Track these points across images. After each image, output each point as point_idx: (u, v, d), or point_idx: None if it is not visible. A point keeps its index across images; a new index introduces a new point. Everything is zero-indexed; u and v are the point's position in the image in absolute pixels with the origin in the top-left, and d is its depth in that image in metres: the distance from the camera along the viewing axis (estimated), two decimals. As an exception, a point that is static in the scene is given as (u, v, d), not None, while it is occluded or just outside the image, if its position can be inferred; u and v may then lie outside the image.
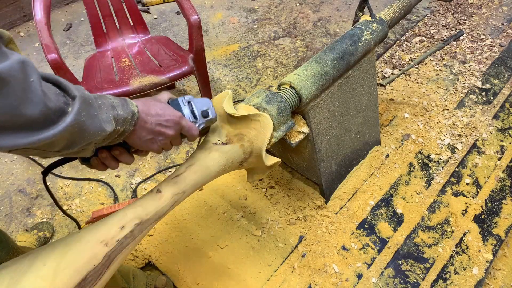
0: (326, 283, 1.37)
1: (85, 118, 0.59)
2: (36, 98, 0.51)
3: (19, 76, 0.49)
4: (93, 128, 0.61)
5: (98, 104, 0.64)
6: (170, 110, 0.81)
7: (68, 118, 0.56)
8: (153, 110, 0.78)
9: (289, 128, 1.18)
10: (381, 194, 1.64)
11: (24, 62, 0.51)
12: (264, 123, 1.02)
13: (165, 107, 0.81)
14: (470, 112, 2.00)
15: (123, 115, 0.69)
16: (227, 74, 2.44)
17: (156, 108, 0.79)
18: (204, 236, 1.52)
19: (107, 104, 0.66)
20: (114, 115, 0.66)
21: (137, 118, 0.73)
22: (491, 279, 1.43)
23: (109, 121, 0.65)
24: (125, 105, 0.71)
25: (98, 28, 1.96)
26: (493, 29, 2.61)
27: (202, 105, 0.90)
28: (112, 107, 0.67)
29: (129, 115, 0.71)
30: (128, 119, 0.70)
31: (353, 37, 1.37)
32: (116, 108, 0.68)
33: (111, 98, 0.69)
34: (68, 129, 0.56)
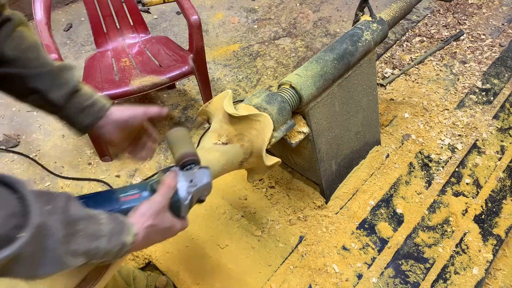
0: (326, 283, 1.37)
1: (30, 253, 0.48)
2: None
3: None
4: (42, 264, 0.51)
5: (73, 231, 0.54)
6: (173, 231, 0.74)
7: (6, 250, 0.45)
8: (155, 239, 0.71)
9: (290, 128, 1.18)
10: (381, 194, 1.64)
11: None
12: (265, 123, 1.02)
13: (166, 232, 0.73)
14: (470, 112, 1.99)
15: (104, 249, 0.58)
16: (227, 74, 2.44)
17: (158, 237, 0.71)
18: (204, 236, 1.52)
19: (87, 232, 0.56)
20: (90, 248, 0.56)
21: (126, 251, 0.63)
22: (491, 279, 1.43)
23: (76, 255, 0.55)
24: (117, 234, 0.61)
25: (98, 28, 1.96)
26: (493, 29, 2.61)
27: (201, 192, 0.81)
28: (91, 238, 0.57)
29: (116, 247, 0.60)
30: (113, 252, 0.60)
31: (353, 37, 1.37)
32: (100, 239, 0.58)
33: (103, 224, 0.59)
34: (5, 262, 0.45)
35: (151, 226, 0.68)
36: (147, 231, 0.67)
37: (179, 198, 0.76)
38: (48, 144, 2.04)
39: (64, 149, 2.01)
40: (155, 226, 0.69)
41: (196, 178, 0.79)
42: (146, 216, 0.68)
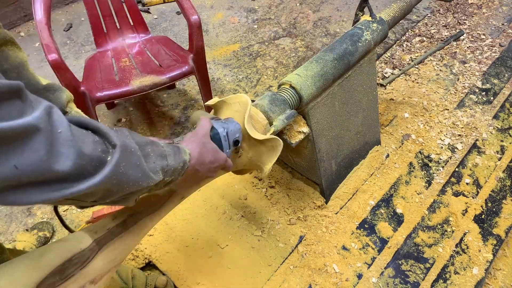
0: (326, 283, 1.37)
1: (125, 169, 0.54)
2: (66, 150, 0.46)
3: (46, 128, 0.45)
4: (135, 178, 0.56)
5: (145, 152, 0.60)
6: (219, 155, 0.81)
7: (106, 169, 0.51)
8: (207, 158, 0.77)
9: (290, 117, 1.16)
10: (381, 194, 1.64)
11: (50, 112, 0.46)
12: (276, 144, 1.04)
13: (215, 153, 0.80)
14: (470, 112, 1.99)
15: (173, 166, 0.65)
16: (227, 74, 2.44)
17: (209, 156, 0.78)
18: (204, 236, 1.52)
19: (156, 153, 0.62)
20: (163, 165, 0.63)
21: (187, 167, 0.70)
22: (491, 279, 1.43)
23: (156, 171, 0.61)
24: (177, 153, 0.68)
25: (98, 28, 1.96)
26: (493, 29, 2.61)
27: (234, 133, 0.93)
28: (161, 157, 0.63)
29: (180, 165, 0.67)
30: (178, 169, 0.67)
31: (353, 37, 1.37)
32: (167, 157, 0.64)
33: (163, 146, 0.66)
34: (104, 181, 0.51)
35: (201, 142, 0.77)
36: (199, 148, 0.76)
37: (217, 131, 0.88)
38: (48, 144, 2.03)
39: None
40: (204, 144, 0.78)
41: (226, 122, 0.93)
42: (194, 137, 0.78)
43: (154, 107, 2.24)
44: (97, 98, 1.66)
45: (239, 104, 1.03)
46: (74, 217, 1.68)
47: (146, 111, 2.22)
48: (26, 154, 0.43)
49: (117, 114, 2.21)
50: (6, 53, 0.72)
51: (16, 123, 0.42)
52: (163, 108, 2.23)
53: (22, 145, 0.43)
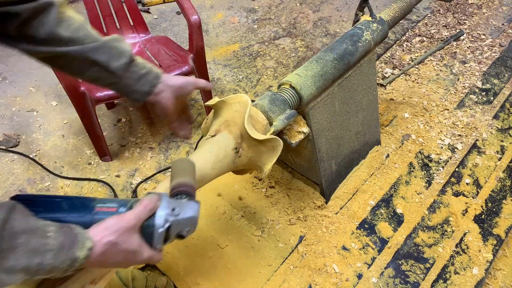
0: (326, 283, 1.37)
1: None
2: None
3: None
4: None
5: (11, 245, 0.51)
6: (138, 257, 0.67)
7: None
8: (113, 259, 0.64)
9: (290, 117, 1.15)
10: (381, 194, 1.64)
11: None
12: (276, 145, 1.04)
13: (130, 255, 0.66)
14: (470, 112, 1.99)
15: (50, 264, 0.54)
16: (227, 74, 2.44)
17: (117, 257, 0.64)
18: (204, 236, 1.52)
19: (29, 247, 0.52)
20: (30, 264, 0.52)
21: (78, 265, 0.58)
22: (491, 279, 1.43)
23: (13, 271, 0.51)
24: (67, 247, 0.56)
25: (98, 28, 1.96)
26: (493, 29, 2.61)
27: (182, 226, 0.73)
28: (34, 253, 0.52)
29: (66, 262, 0.56)
30: (61, 267, 0.56)
31: (353, 37, 1.37)
32: (45, 254, 0.54)
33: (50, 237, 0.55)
34: None
35: (112, 243, 0.62)
36: (106, 247, 0.62)
37: (153, 223, 0.69)
38: (48, 144, 2.04)
39: (64, 149, 2.01)
40: (116, 245, 0.63)
41: (181, 209, 0.72)
42: (110, 231, 0.63)
43: (154, 107, 2.23)
44: (97, 98, 1.66)
45: (239, 104, 1.03)
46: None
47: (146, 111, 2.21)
48: None
49: (117, 114, 2.21)
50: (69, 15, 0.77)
51: None
52: (163, 108, 2.22)
53: None
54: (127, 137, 2.07)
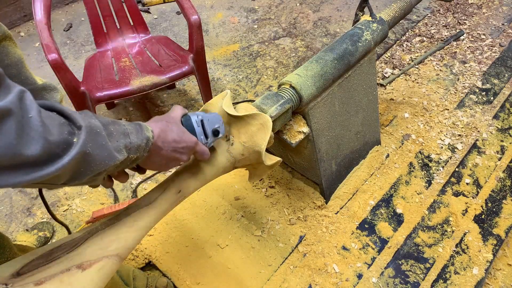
0: (326, 283, 1.37)
1: (91, 149, 0.55)
2: (36, 135, 0.47)
3: (17, 113, 0.45)
4: (101, 158, 0.57)
5: (109, 131, 0.60)
6: (186, 135, 0.79)
7: (73, 151, 0.52)
8: (170, 136, 0.75)
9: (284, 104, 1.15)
10: (381, 194, 1.64)
11: (22, 96, 0.47)
12: (263, 121, 1.02)
13: (181, 133, 0.78)
14: (471, 112, 1.99)
15: (136, 143, 0.65)
16: (227, 74, 2.44)
17: (173, 134, 0.76)
18: (204, 236, 1.52)
19: (119, 131, 0.63)
20: (126, 143, 0.63)
21: (151, 144, 0.70)
22: (491, 279, 1.43)
23: (120, 150, 0.61)
24: (139, 131, 0.67)
25: (99, 28, 1.96)
26: (493, 29, 2.61)
27: (213, 123, 0.89)
28: (124, 135, 0.63)
29: (143, 141, 0.67)
30: (142, 146, 0.67)
31: (353, 37, 1.37)
32: (130, 135, 0.64)
33: (125, 124, 0.66)
34: (72, 163, 0.52)
35: (164, 122, 0.76)
36: (161, 126, 0.74)
37: (189, 116, 0.84)
38: (48, 144, 2.03)
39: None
40: (168, 123, 0.77)
41: (205, 113, 0.89)
42: (158, 119, 0.77)
43: (154, 107, 2.24)
44: (97, 98, 1.66)
45: (259, 122, 1.03)
46: (74, 217, 1.68)
47: (146, 111, 2.22)
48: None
49: (117, 114, 2.21)
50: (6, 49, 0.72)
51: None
52: (163, 108, 2.23)
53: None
54: (127, 137, 2.07)
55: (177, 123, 0.80)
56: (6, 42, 0.72)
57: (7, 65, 0.71)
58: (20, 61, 0.74)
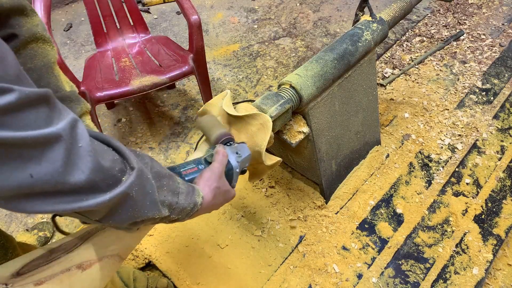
0: (326, 283, 1.37)
1: (136, 194, 0.53)
2: (83, 165, 0.46)
3: (67, 140, 0.45)
4: (143, 206, 0.56)
5: (160, 184, 0.59)
6: (230, 195, 0.82)
7: (118, 189, 0.51)
8: (218, 201, 0.77)
9: (284, 104, 1.15)
10: (381, 194, 1.64)
11: (74, 125, 0.46)
12: (263, 121, 1.02)
13: (227, 194, 0.80)
14: (471, 112, 1.99)
15: (182, 205, 0.64)
16: (227, 74, 2.44)
17: (220, 199, 0.78)
18: (204, 236, 1.52)
19: (170, 187, 0.62)
20: (173, 202, 0.62)
21: (197, 210, 0.69)
22: (491, 279, 1.43)
23: (164, 206, 0.60)
24: (190, 193, 0.67)
25: (99, 28, 1.96)
26: (493, 29, 2.61)
27: (245, 163, 0.91)
28: (174, 193, 0.62)
29: (190, 205, 0.66)
30: (187, 210, 0.66)
31: (353, 37, 1.37)
32: (179, 195, 0.63)
33: (179, 183, 0.65)
34: (113, 200, 0.51)
35: (216, 187, 0.76)
36: (214, 192, 0.75)
37: (231, 166, 0.86)
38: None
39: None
40: (219, 188, 0.77)
41: (240, 151, 0.90)
42: (211, 180, 0.76)
43: (154, 107, 2.24)
44: (97, 98, 1.66)
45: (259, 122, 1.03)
46: (74, 217, 1.68)
47: (146, 111, 2.22)
48: (43, 164, 0.43)
49: (117, 114, 2.21)
50: (34, 51, 0.68)
51: (40, 133, 0.42)
52: (163, 108, 2.23)
53: (41, 155, 0.42)
54: (127, 137, 2.07)
55: (225, 184, 0.80)
56: (36, 44, 0.68)
57: (28, 69, 0.68)
58: (47, 66, 0.71)
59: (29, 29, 0.66)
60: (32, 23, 0.67)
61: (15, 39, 0.66)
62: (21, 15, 0.65)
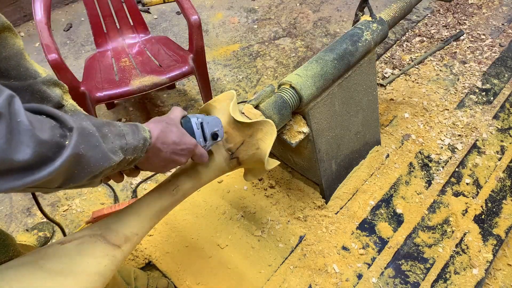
0: (326, 283, 1.37)
1: (84, 151, 0.54)
2: (26, 139, 0.46)
3: (6, 116, 0.44)
4: (96, 159, 0.56)
5: (103, 133, 0.60)
6: (186, 138, 0.79)
7: (65, 153, 0.51)
8: (170, 138, 0.75)
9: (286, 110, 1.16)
10: (381, 194, 1.64)
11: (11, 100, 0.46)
12: (269, 127, 1.02)
13: (181, 135, 0.78)
14: (470, 112, 1.99)
15: (133, 144, 0.64)
16: (227, 74, 2.44)
17: (173, 136, 0.75)
18: (204, 236, 1.52)
19: (114, 133, 0.62)
20: (122, 144, 0.62)
21: (149, 145, 0.69)
22: (491, 279, 1.43)
23: (115, 151, 0.60)
24: (136, 131, 0.67)
25: (98, 28, 1.96)
26: (493, 29, 2.61)
27: (212, 126, 0.88)
28: (120, 136, 0.63)
29: (140, 142, 0.66)
30: (139, 147, 0.66)
31: (353, 37, 1.37)
32: (126, 136, 0.64)
33: (120, 126, 0.65)
34: (65, 165, 0.51)
35: (163, 123, 0.75)
36: (161, 126, 0.74)
37: (189, 118, 0.84)
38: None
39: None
40: (168, 125, 0.76)
41: (205, 116, 0.88)
42: (158, 120, 0.76)
43: (154, 107, 2.24)
44: (97, 98, 1.66)
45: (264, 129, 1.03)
46: (74, 217, 1.68)
47: (146, 111, 2.22)
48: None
49: (117, 114, 2.21)
50: (5, 40, 0.69)
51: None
52: (163, 108, 2.23)
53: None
54: (127, 137, 2.07)
55: (177, 125, 0.79)
56: (5, 33, 0.69)
57: (5, 57, 0.69)
58: (20, 52, 0.72)
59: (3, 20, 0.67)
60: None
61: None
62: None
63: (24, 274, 0.61)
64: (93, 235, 0.71)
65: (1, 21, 0.68)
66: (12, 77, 0.70)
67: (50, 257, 0.64)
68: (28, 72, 0.72)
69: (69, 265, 0.65)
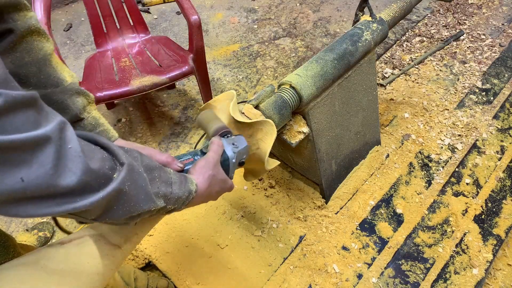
0: (326, 283, 1.37)
1: (129, 188, 0.54)
2: (74, 166, 0.46)
3: (56, 142, 0.44)
4: (137, 200, 0.56)
5: (152, 176, 0.60)
6: (226, 184, 0.81)
7: (110, 186, 0.51)
8: (214, 190, 0.76)
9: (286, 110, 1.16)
10: (381, 194, 1.64)
11: (63, 127, 0.46)
12: (269, 128, 1.02)
13: (223, 184, 0.79)
14: (470, 112, 1.99)
15: (177, 194, 0.64)
16: (227, 74, 2.44)
17: (216, 188, 0.77)
18: (204, 236, 1.52)
19: (162, 179, 0.62)
20: (167, 192, 0.62)
21: (192, 198, 0.69)
22: (491, 279, 1.43)
23: (159, 196, 0.60)
24: (183, 182, 0.67)
25: (98, 28, 1.96)
26: (493, 29, 2.61)
27: (242, 155, 0.90)
28: (166, 184, 0.63)
29: (185, 194, 0.67)
30: (182, 198, 0.66)
31: (353, 37, 1.37)
32: (172, 185, 0.64)
33: (170, 173, 0.65)
34: (107, 198, 0.50)
35: (211, 175, 0.76)
36: (209, 180, 0.75)
37: (227, 156, 0.85)
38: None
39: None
40: (214, 176, 0.77)
41: (236, 142, 0.90)
42: (206, 168, 0.76)
43: (154, 107, 2.24)
44: (97, 98, 1.66)
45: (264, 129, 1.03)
46: (74, 217, 1.68)
47: (146, 111, 2.22)
48: (33, 167, 0.42)
49: (117, 114, 2.21)
50: (30, 45, 0.67)
51: (29, 135, 0.41)
52: (163, 108, 2.23)
53: (31, 158, 0.42)
54: (127, 137, 2.07)
55: (220, 173, 0.79)
56: (32, 37, 0.67)
57: (26, 63, 0.67)
58: (45, 58, 0.69)
59: (24, 23, 0.65)
60: (25, 16, 0.65)
61: (11, 34, 0.64)
62: (15, 10, 0.64)
63: (24, 274, 0.61)
64: (93, 235, 0.71)
65: (28, 24, 0.65)
66: (31, 85, 0.68)
67: (50, 257, 0.65)
68: (49, 80, 0.70)
69: (70, 265, 0.65)
